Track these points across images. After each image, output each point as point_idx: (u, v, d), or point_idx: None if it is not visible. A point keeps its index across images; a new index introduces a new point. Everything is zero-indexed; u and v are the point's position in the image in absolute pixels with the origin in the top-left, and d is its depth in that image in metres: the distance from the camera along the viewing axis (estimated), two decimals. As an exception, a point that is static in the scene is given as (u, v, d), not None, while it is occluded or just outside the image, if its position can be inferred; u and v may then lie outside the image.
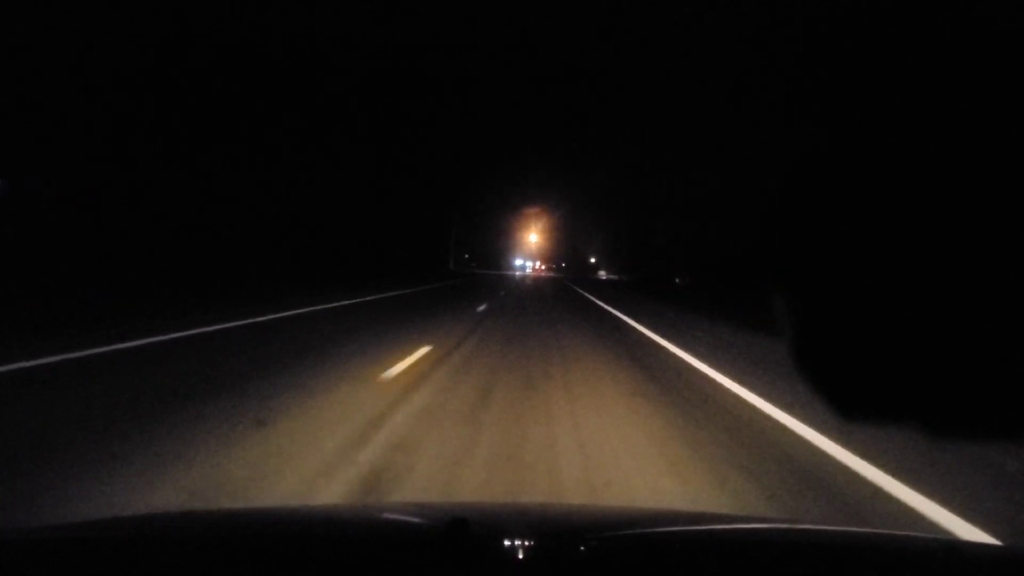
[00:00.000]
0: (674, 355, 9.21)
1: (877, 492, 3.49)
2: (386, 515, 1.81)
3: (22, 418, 4.17)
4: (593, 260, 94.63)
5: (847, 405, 3.82)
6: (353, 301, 16.40)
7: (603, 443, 4.30)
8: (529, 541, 1.34)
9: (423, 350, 8.15)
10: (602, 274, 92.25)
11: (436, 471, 3.55)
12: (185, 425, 4.13)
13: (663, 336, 11.65)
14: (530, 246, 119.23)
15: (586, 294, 33.15)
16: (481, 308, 18.33)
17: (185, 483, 3.14)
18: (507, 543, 1.30)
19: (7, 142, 18.39)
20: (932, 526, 2.97)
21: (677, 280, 62.43)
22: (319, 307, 14.03)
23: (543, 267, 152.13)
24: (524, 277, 74.26)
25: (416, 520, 1.67)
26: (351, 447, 3.89)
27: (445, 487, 3.32)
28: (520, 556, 1.23)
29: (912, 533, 2.35)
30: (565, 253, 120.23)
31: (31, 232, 17.96)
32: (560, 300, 26.74)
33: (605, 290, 40.08)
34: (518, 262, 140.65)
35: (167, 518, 1.68)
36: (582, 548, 1.28)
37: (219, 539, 1.26)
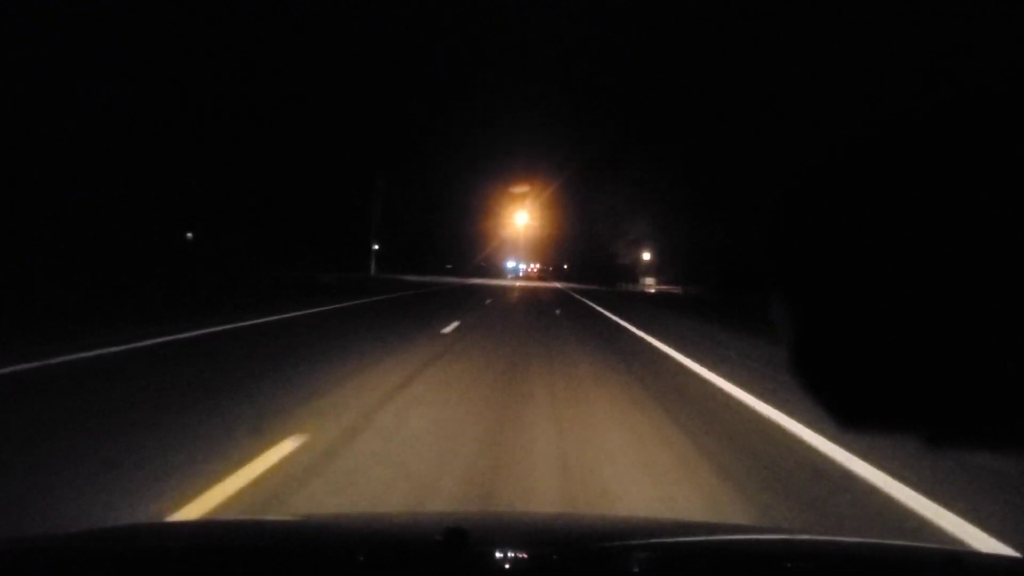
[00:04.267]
0: None
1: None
2: (383, 525, 1.77)
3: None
4: (647, 257, 55.79)
5: None
6: None
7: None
8: (527, 552, 1.36)
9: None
10: (648, 282, 54.23)
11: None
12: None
13: None
14: (518, 236, 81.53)
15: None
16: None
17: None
18: (505, 553, 1.31)
19: None
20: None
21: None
22: None
23: (536, 271, 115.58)
24: (509, 290, 36.73)
25: (414, 530, 1.63)
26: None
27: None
28: (518, 567, 1.25)
29: (915, 543, 2.32)
30: (575, 250, 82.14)
31: None
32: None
33: None
34: (510, 264, 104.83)
35: (160, 528, 1.75)
36: (581, 559, 1.29)
37: (213, 550, 1.25)
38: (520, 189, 70.86)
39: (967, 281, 0.72)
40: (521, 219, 77.96)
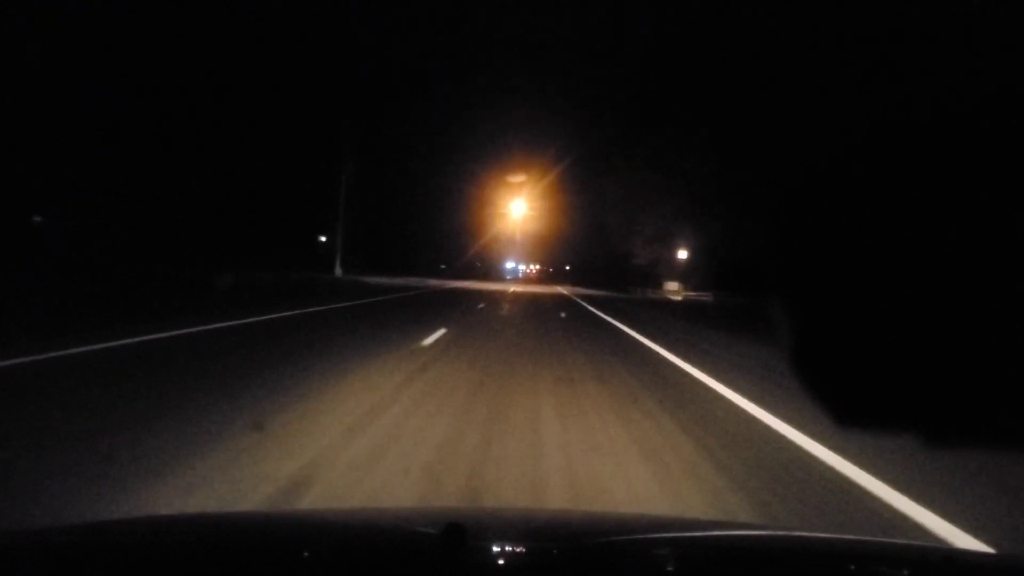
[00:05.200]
0: None
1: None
2: (381, 520, 1.71)
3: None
4: (683, 256, 45.00)
5: None
6: None
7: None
8: (526, 547, 1.35)
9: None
10: (672, 288, 44.57)
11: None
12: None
13: None
14: (518, 232, 71.92)
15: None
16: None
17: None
18: (504, 549, 1.31)
19: None
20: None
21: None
22: None
23: (535, 272, 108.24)
24: (495, 301, 27.50)
25: (412, 526, 1.58)
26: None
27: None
28: (517, 563, 1.23)
29: (908, 541, 2.39)
30: (580, 248, 72.58)
31: None
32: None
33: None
34: (509, 265, 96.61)
35: (159, 522, 1.67)
36: (580, 555, 1.26)
37: (212, 544, 1.23)
38: (518, 178, 61.35)
39: (967, 281, 0.71)
40: (521, 214, 68.32)
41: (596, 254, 63.90)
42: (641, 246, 46.85)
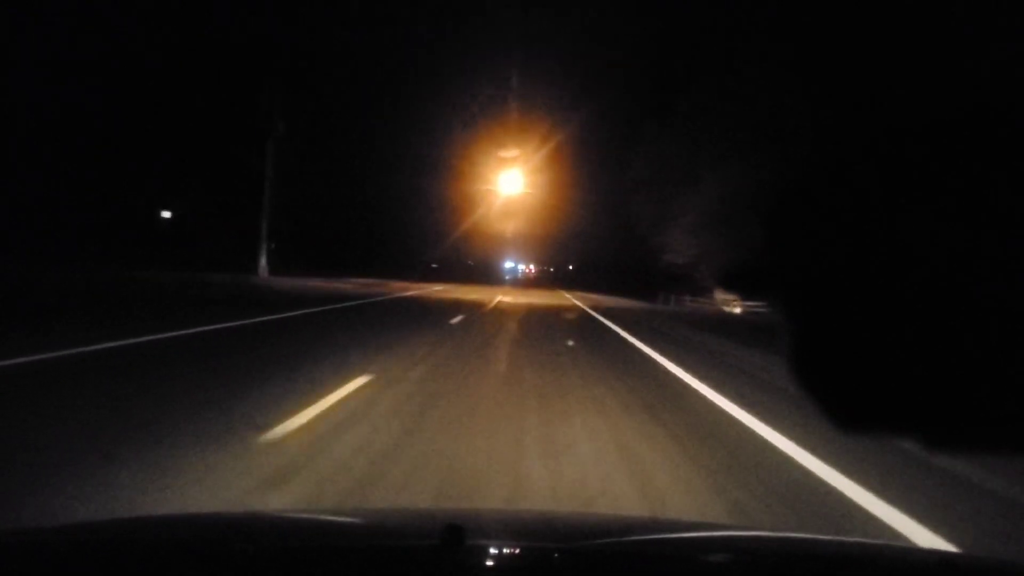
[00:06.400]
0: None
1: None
2: (380, 521, 1.77)
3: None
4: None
5: None
6: None
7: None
8: (524, 549, 1.34)
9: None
10: (727, 297, 32.10)
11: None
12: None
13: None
14: (515, 222, 60.02)
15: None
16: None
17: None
18: (503, 551, 1.29)
19: None
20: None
21: None
22: None
23: (534, 273, 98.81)
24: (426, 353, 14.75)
25: (410, 527, 1.61)
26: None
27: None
28: (515, 564, 1.23)
29: (907, 545, 2.35)
30: (592, 242, 60.46)
31: None
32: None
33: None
34: (508, 264, 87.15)
35: (157, 521, 1.70)
36: (578, 556, 1.26)
37: (211, 544, 1.23)
38: (511, 153, 49.23)
39: (968, 284, 0.70)
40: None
41: (611, 250, 51.69)
42: (679, 240, 34.54)
